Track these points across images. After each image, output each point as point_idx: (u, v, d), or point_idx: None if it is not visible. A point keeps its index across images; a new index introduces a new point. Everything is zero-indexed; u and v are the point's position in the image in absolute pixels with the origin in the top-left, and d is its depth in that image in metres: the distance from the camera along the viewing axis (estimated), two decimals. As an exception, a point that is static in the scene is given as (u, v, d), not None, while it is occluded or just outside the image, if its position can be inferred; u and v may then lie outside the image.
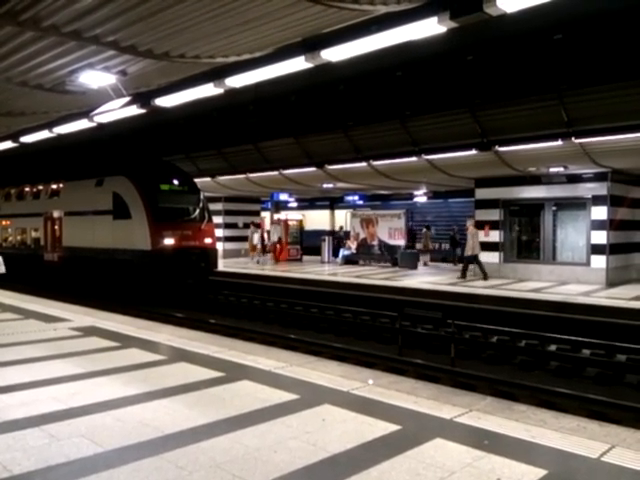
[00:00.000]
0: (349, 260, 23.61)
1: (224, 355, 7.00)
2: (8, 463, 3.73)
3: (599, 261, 15.86)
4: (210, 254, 16.96)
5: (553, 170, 15.57)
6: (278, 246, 25.38)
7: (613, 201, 15.75)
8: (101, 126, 13.22)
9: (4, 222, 23.07)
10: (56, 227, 19.02)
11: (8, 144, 15.42)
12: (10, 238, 22.55)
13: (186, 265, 15.90)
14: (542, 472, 3.61)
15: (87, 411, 4.79)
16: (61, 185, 19.46)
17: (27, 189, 21.80)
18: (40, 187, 20.88)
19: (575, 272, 16.32)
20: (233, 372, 6.11)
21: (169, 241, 15.65)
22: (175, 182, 17.13)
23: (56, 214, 19.01)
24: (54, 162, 22.26)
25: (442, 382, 7.66)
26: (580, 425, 4.66)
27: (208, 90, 8.72)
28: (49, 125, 11.92)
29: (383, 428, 4.40)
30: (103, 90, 7.22)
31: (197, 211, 17.06)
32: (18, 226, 21.93)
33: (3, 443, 4.09)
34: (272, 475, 3.56)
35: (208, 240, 16.95)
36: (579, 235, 16.64)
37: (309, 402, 5.04)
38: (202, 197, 17.65)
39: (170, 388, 5.47)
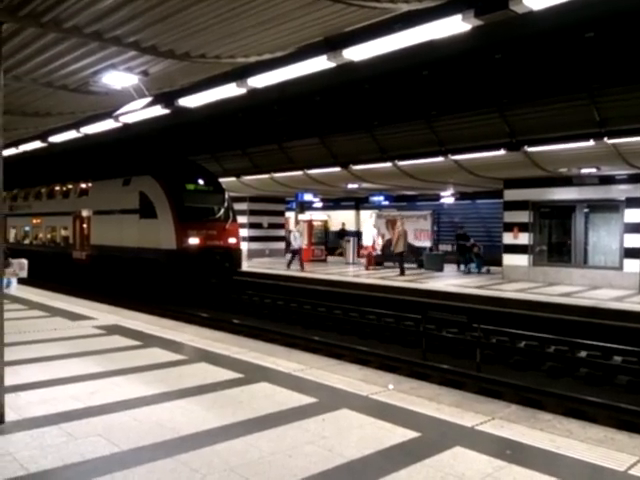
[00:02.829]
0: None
1: (245, 356, 6.98)
2: (25, 461, 3.74)
3: (632, 265, 15.38)
4: (234, 254, 16.99)
5: (585, 171, 15.17)
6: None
7: (647, 203, 15.28)
8: (127, 126, 13.37)
9: (35, 220, 23.52)
10: (84, 226, 19.31)
11: (37, 144, 15.73)
12: (40, 236, 22.98)
13: (210, 265, 15.95)
14: (566, 485, 3.47)
15: (105, 410, 4.80)
16: (90, 184, 19.76)
17: (57, 188, 22.20)
18: (70, 186, 21.23)
19: (607, 276, 15.87)
20: (252, 374, 6.07)
21: (194, 240, 15.72)
22: (200, 182, 17.22)
23: (85, 213, 19.31)
24: (83, 162, 22.63)
25: (466, 388, 7.50)
26: (608, 436, 4.47)
27: (231, 90, 8.72)
28: (76, 125, 12.12)
29: (402, 435, 4.29)
30: (126, 91, 7.28)
31: (222, 211, 17.11)
32: (48, 224, 22.32)
33: (21, 441, 4.11)
34: (286, 481, 3.50)
35: (232, 240, 16.98)
36: (612, 238, 16.19)
37: (327, 406, 4.96)
38: (227, 197, 17.70)
39: (188, 389, 5.46)
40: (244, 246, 23.33)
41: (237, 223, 17.87)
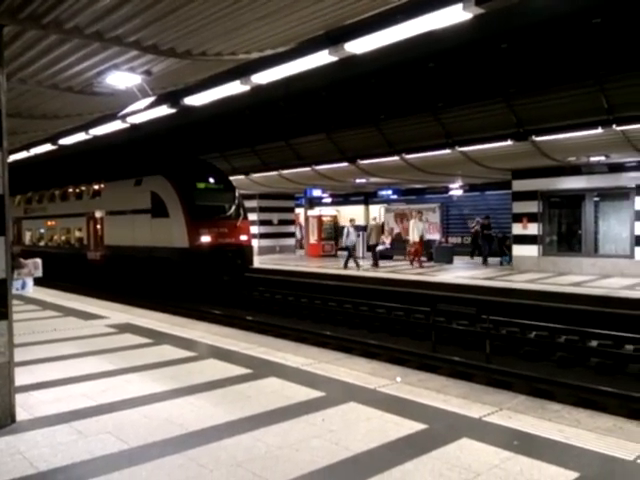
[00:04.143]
0: (383, 255, 23.39)
1: (254, 352, 7.01)
2: (35, 460, 3.80)
3: (644, 253, 15.26)
4: (246, 251, 17.04)
5: (594, 159, 15.03)
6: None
7: (658, 190, 15.13)
8: (136, 127, 13.41)
9: (49, 222, 23.72)
10: (98, 226, 19.42)
11: (47, 147, 15.84)
12: (55, 238, 23.17)
13: (222, 262, 16.02)
14: (574, 475, 3.45)
15: (115, 408, 4.86)
16: (102, 185, 19.87)
17: (70, 190, 22.35)
18: (83, 188, 21.38)
19: (618, 265, 15.74)
20: (261, 369, 6.11)
21: (206, 239, 15.78)
22: (211, 180, 17.27)
23: (98, 214, 19.43)
24: (95, 163, 22.78)
25: (475, 380, 7.48)
26: (617, 425, 4.45)
27: (235, 88, 8.71)
28: (84, 127, 12.18)
29: (409, 427, 4.30)
30: (131, 91, 7.31)
31: (233, 208, 17.12)
32: (63, 226, 22.50)
33: (32, 440, 4.17)
34: (293, 474, 3.52)
35: (244, 237, 17.03)
36: (622, 226, 16.05)
37: (335, 400, 4.98)
38: (237, 194, 17.74)
39: (197, 385, 5.50)
40: (254, 243, 23.39)
41: (248, 220, 17.92)
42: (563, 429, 4.25)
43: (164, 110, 10.20)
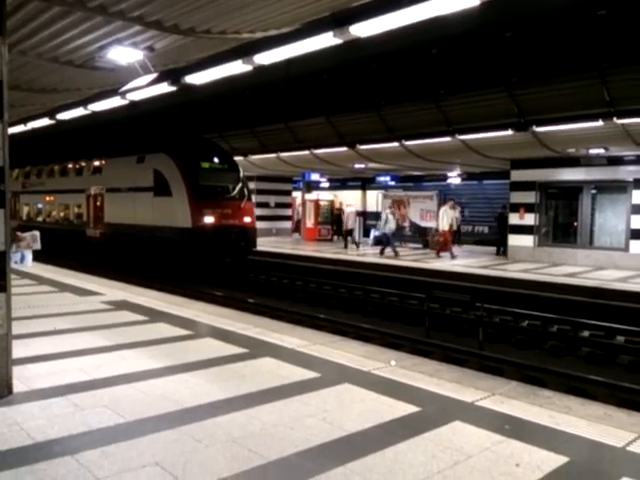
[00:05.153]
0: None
1: (250, 332, 7.04)
2: (32, 431, 3.83)
3: (639, 246, 15.34)
4: (249, 233, 16.84)
5: (593, 152, 15.04)
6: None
7: (656, 184, 15.18)
8: (135, 104, 13.32)
9: (48, 198, 23.43)
10: (98, 203, 19.21)
11: (45, 121, 15.74)
12: (54, 214, 22.90)
13: (226, 244, 15.87)
14: (563, 459, 3.51)
15: (111, 382, 4.89)
16: (103, 162, 19.61)
17: (70, 165, 22.02)
18: (83, 164, 21.07)
19: (612, 257, 15.84)
20: (257, 349, 6.14)
21: (209, 219, 15.60)
22: (216, 160, 17.02)
23: (98, 191, 19.21)
24: (96, 139, 22.47)
25: (468, 365, 7.54)
26: (607, 413, 4.51)
27: (237, 67, 8.65)
28: (83, 102, 12.09)
29: (402, 409, 4.35)
30: (132, 67, 7.25)
31: (237, 189, 16.89)
32: (61, 202, 22.19)
33: (29, 411, 4.20)
34: (287, 451, 3.56)
35: (247, 219, 16.82)
36: (618, 219, 16.13)
37: (329, 381, 5.03)
38: (242, 175, 17.51)
39: (193, 363, 5.53)
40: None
41: (252, 202, 17.68)
42: (554, 415, 4.31)
43: (164, 88, 10.15)
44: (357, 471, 3.31)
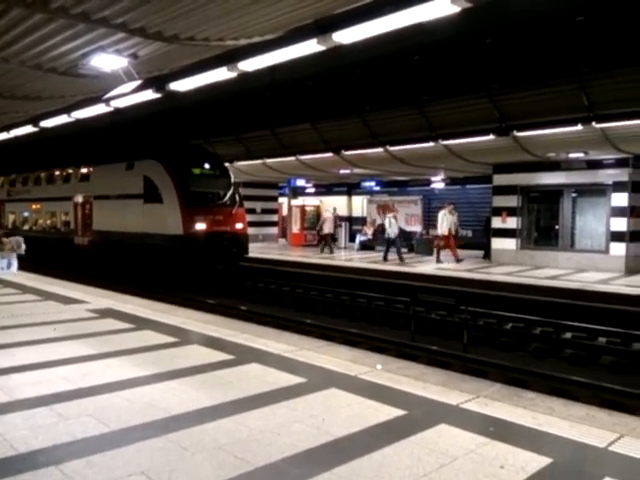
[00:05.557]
0: (365, 246, 23.56)
1: (236, 338, 7.04)
2: (15, 441, 3.79)
3: (619, 248, 15.58)
4: (241, 239, 16.76)
5: (573, 156, 15.28)
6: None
7: (634, 187, 15.40)
8: (120, 111, 13.22)
9: (34, 206, 23.05)
10: (86, 211, 18.97)
11: (29, 128, 15.56)
12: (40, 222, 22.54)
13: (217, 250, 15.74)
14: (547, 460, 3.56)
15: (96, 391, 4.85)
16: (91, 169, 19.37)
17: (57, 173, 21.70)
18: (70, 171, 20.78)
19: (593, 259, 16.06)
20: (243, 355, 6.14)
21: (201, 226, 15.47)
22: (207, 166, 16.88)
23: (86, 198, 18.98)
24: (84, 146, 22.19)
25: (452, 368, 7.61)
26: (589, 414, 4.59)
27: (221, 74, 8.66)
28: (67, 110, 12.00)
29: (388, 413, 4.39)
30: (116, 74, 7.23)
31: (228, 195, 16.79)
32: (48, 210, 21.85)
33: (12, 422, 4.16)
34: (274, 457, 3.57)
35: (239, 225, 16.72)
36: (598, 222, 16.35)
37: (316, 386, 5.05)
38: (233, 181, 17.40)
39: (179, 370, 5.52)
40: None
41: (244, 208, 17.58)
42: (537, 416, 4.37)
43: (149, 94, 10.12)
44: (344, 476, 3.33)
